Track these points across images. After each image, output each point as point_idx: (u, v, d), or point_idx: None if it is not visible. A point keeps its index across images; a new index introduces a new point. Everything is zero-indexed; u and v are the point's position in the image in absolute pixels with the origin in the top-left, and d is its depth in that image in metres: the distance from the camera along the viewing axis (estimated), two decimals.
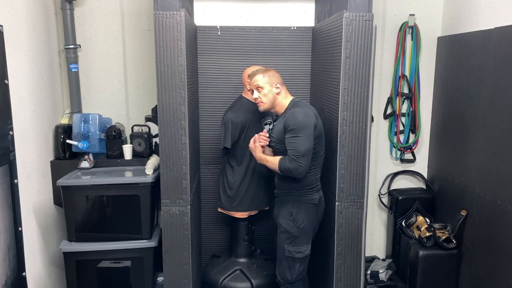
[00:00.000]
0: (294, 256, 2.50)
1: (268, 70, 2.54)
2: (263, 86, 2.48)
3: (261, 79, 2.49)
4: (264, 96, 2.48)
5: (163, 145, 2.33)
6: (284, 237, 2.51)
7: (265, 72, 2.52)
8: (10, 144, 2.02)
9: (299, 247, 2.50)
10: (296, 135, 2.34)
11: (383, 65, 3.39)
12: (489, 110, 2.68)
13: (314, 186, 2.51)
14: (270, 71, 2.53)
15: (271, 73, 2.52)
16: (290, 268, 2.53)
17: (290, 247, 2.50)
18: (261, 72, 2.52)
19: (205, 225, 3.32)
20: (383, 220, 3.62)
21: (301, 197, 2.49)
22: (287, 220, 2.50)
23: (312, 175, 2.48)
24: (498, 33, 2.57)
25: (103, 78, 3.24)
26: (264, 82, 2.48)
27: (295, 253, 2.50)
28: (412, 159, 3.51)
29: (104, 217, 2.84)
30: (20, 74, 2.51)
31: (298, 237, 2.49)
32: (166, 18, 2.23)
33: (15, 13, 2.47)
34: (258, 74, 2.51)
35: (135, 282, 2.85)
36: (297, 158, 2.33)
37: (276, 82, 2.49)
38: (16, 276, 2.05)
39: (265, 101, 2.48)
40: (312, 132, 2.36)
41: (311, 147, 2.36)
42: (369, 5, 2.29)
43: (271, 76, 2.50)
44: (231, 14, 3.19)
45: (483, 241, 2.76)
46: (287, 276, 2.55)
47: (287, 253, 2.51)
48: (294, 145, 2.35)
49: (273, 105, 2.50)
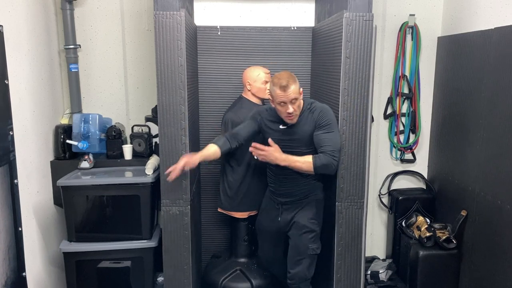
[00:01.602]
0: (316, 252, 2.54)
1: (293, 75, 2.33)
2: (297, 96, 2.31)
3: (296, 90, 2.29)
4: (298, 107, 2.34)
5: (163, 145, 2.33)
6: (308, 237, 2.51)
7: (295, 80, 2.30)
8: (10, 144, 2.02)
9: (319, 243, 2.55)
10: (330, 131, 2.32)
11: (383, 65, 3.39)
12: (489, 110, 2.68)
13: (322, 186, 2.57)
14: (294, 76, 2.33)
15: (295, 77, 2.33)
16: (310, 265, 2.56)
17: (314, 245, 2.53)
18: (293, 81, 2.29)
19: (205, 225, 3.32)
20: (383, 220, 3.62)
21: (318, 195, 2.54)
22: (312, 220, 2.51)
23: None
24: (498, 33, 2.57)
25: (103, 78, 3.24)
26: (298, 91, 2.32)
27: (317, 249, 2.54)
28: (412, 159, 3.51)
29: (104, 217, 2.84)
30: (20, 74, 2.51)
31: (319, 234, 2.55)
32: (166, 18, 2.23)
33: (15, 13, 2.47)
34: (291, 84, 2.27)
35: (135, 282, 2.85)
36: (334, 153, 2.29)
37: (300, 88, 2.35)
38: (16, 276, 2.05)
39: (298, 112, 2.35)
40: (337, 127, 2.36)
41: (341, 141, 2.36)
42: (369, 5, 2.29)
43: (298, 82, 2.33)
44: (231, 14, 3.19)
45: (483, 241, 2.76)
46: (307, 274, 2.56)
47: (311, 251, 2.52)
48: (330, 140, 2.30)
49: None
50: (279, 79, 2.29)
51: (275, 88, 2.28)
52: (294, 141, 2.41)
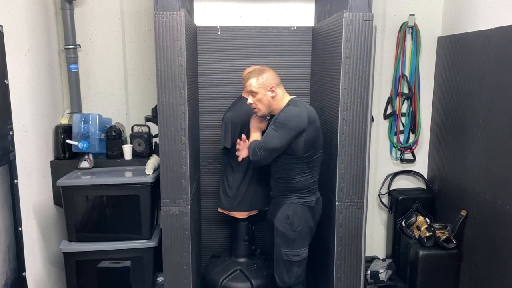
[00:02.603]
0: (291, 259, 2.45)
1: (264, 71, 2.38)
2: (257, 91, 2.35)
3: (254, 84, 2.35)
4: (259, 101, 2.37)
5: (163, 145, 2.33)
6: (281, 241, 2.46)
7: (260, 75, 2.36)
8: (10, 144, 2.02)
9: (296, 250, 2.45)
10: (275, 129, 2.29)
11: (383, 65, 3.39)
12: (489, 110, 2.68)
13: (311, 189, 2.46)
14: (265, 73, 2.37)
15: (266, 75, 2.36)
16: (288, 271, 2.48)
17: (288, 251, 2.45)
18: (255, 75, 2.36)
19: (205, 225, 3.32)
20: (383, 220, 3.62)
21: (297, 199, 2.44)
22: (284, 224, 2.44)
23: (310, 178, 2.43)
24: (498, 33, 2.57)
25: (103, 78, 3.24)
26: (258, 86, 2.35)
27: (292, 257, 2.45)
28: (412, 159, 3.51)
29: (104, 217, 2.84)
30: (20, 74, 2.51)
31: (295, 241, 2.45)
32: (166, 18, 2.23)
33: (15, 13, 2.47)
34: (251, 77, 2.36)
35: (135, 282, 2.85)
36: (260, 149, 2.31)
37: (270, 85, 2.35)
38: (16, 276, 2.05)
39: (260, 107, 2.38)
40: (291, 136, 2.27)
41: (280, 147, 2.29)
42: (369, 5, 2.29)
43: (266, 79, 2.35)
44: (231, 14, 3.19)
45: (483, 241, 2.76)
46: (285, 279, 2.50)
47: (285, 256, 2.46)
48: (267, 135, 2.33)
49: (270, 109, 2.40)
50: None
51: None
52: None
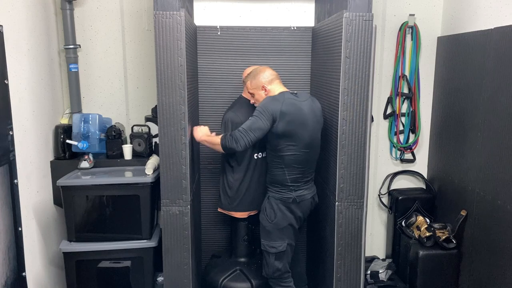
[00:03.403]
0: (268, 250, 2.59)
1: (257, 73, 2.58)
2: (253, 92, 2.59)
3: (249, 86, 2.60)
4: (257, 101, 2.58)
5: (163, 145, 2.33)
6: (261, 231, 2.64)
7: (253, 77, 2.58)
8: (10, 144, 2.02)
9: (272, 242, 2.57)
10: (255, 115, 2.41)
11: (383, 65, 3.39)
12: (489, 110, 2.68)
13: (289, 186, 2.53)
14: (258, 74, 2.56)
15: (258, 75, 2.56)
16: (266, 261, 2.63)
17: (265, 242, 2.60)
18: (249, 78, 2.60)
19: (205, 225, 3.32)
20: (383, 220, 3.62)
21: (274, 193, 2.58)
22: (262, 214, 2.62)
23: (281, 175, 2.52)
24: (498, 33, 2.58)
25: (103, 78, 3.24)
26: (252, 88, 2.58)
27: (268, 248, 2.58)
28: (412, 159, 3.51)
29: (104, 217, 2.84)
30: (20, 74, 2.51)
31: (271, 232, 2.57)
32: (166, 18, 2.23)
33: (15, 13, 2.47)
34: (246, 81, 2.63)
35: (135, 282, 2.85)
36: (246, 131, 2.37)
37: (261, 85, 2.54)
38: (16, 276, 2.05)
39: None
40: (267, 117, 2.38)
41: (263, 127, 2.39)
42: (369, 5, 2.29)
43: (258, 79, 2.55)
44: (231, 14, 3.19)
45: (483, 241, 2.77)
46: (265, 269, 2.66)
47: (262, 246, 2.62)
48: (249, 121, 2.41)
49: None
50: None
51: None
52: None
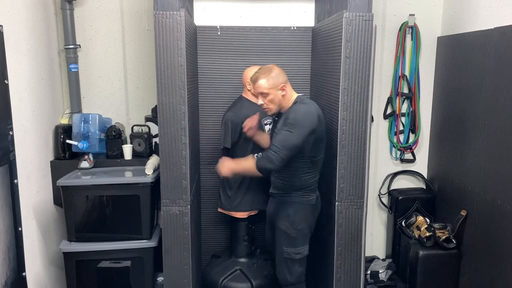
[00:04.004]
0: (293, 257, 2.48)
1: (271, 70, 2.34)
2: (268, 91, 2.31)
3: (264, 84, 2.31)
4: (270, 102, 2.34)
5: (163, 145, 2.33)
6: (282, 239, 2.49)
7: (269, 74, 2.32)
8: (10, 144, 2.02)
9: (297, 248, 2.48)
10: (288, 130, 2.24)
11: (383, 65, 3.39)
12: (489, 110, 2.68)
13: (313, 188, 2.50)
14: (273, 72, 2.33)
15: (275, 74, 2.33)
16: (290, 269, 2.51)
17: (289, 249, 2.48)
18: (264, 75, 2.31)
19: (205, 225, 3.32)
20: (383, 220, 3.62)
21: (299, 198, 2.46)
22: (286, 222, 2.47)
23: (313, 177, 2.47)
24: (498, 33, 2.57)
25: (103, 78, 3.24)
26: (269, 87, 2.31)
27: (294, 255, 2.48)
28: (412, 159, 3.51)
29: (104, 217, 2.84)
30: (20, 74, 2.51)
31: (296, 239, 2.47)
32: (166, 18, 2.23)
33: (15, 13, 2.47)
34: (260, 78, 2.31)
35: (135, 282, 2.85)
36: (278, 150, 2.21)
37: (281, 83, 2.32)
38: (16, 276, 2.05)
39: (272, 107, 2.37)
40: (305, 134, 2.26)
41: (298, 145, 2.26)
42: (369, 5, 2.29)
43: (276, 78, 2.32)
44: (231, 14, 3.19)
45: (483, 241, 2.76)
46: (287, 277, 2.52)
47: (286, 254, 2.48)
48: (283, 137, 2.24)
49: (279, 108, 2.39)
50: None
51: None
52: (274, 134, 2.42)
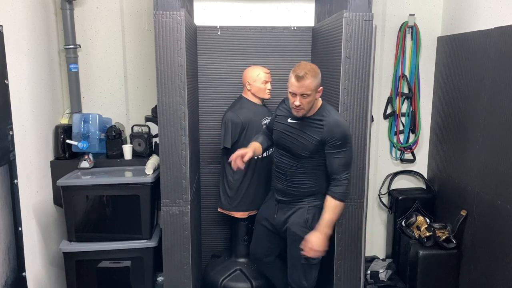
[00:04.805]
0: (310, 262, 2.41)
1: (316, 70, 2.22)
2: (311, 93, 2.19)
3: (311, 85, 2.17)
4: (308, 103, 2.22)
5: (163, 145, 2.33)
6: (298, 245, 2.38)
7: (315, 75, 2.19)
8: (10, 144, 2.02)
9: None
10: (342, 149, 2.24)
11: (383, 65, 3.39)
12: (489, 110, 2.68)
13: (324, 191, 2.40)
14: (317, 71, 2.21)
15: (318, 73, 2.21)
16: (306, 275, 2.45)
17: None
18: (312, 75, 2.17)
19: (205, 225, 3.32)
20: (383, 220, 3.62)
21: (315, 202, 2.41)
22: (303, 228, 2.38)
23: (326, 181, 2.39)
24: (498, 33, 2.58)
25: (103, 78, 3.24)
26: (314, 88, 2.19)
27: (311, 259, 2.39)
28: (412, 159, 3.51)
29: (104, 217, 2.84)
30: (20, 74, 2.51)
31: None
32: (166, 18, 2.23)
33: (15, 13, 2.47)
34: (309, 77, 2.15)
35: (135, 282, 2.85)
36: (347, 175, 2.26)
37: (319, 85, 2.23)
38: (16, 276, 2.05)
39: (307, 108, 2.25)
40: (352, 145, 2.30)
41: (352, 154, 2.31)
42: (369, 5, 2.30)
43: (319, 78, 2.21)
44: (231, 14, 3.19)
45: (483, 241, 2.77)
46: (304, 283, 2.45)
47: (304, 261, 2.40)
48: (342, 160, 2.24)
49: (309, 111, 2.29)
50: (299, 68, 2.19)
51: (292, 76, 2.20)
52: (296, 141, 2.33)
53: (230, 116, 2.77)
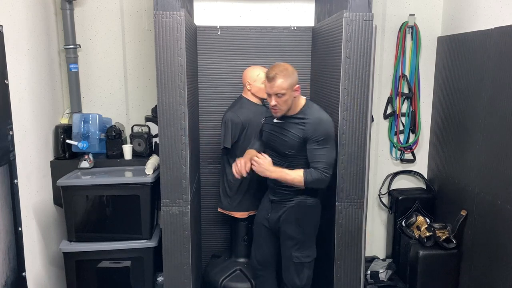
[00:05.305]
0: (302, 261, 2.46)
1: (288, 69, 2.25)
2: (285, 92, 2.23)
3: (284, 85, 2.21)
4: (284, 102, 2.26)
5: (163, 145, 2.33)
6: (290, 244, 2.46)
7: (287, 74, 2.23)
8: (10, 144, 2.02)
9: (306, 252, 2.46)
10: (324, 146, 2.27)
11: (383, 65, 3.39)
12: (489, 110, 2.68)
13: (317, 189, 2.45)
14: (289, 70, 2.25)
15: (290, 72, 2.25)
16: (299, 273, 2.48)
17: (298, 253, 2.45)
18: (283, 75, 2.21)
19: (205, 225, 3.32)
20: (383, 220, 3.62)
21: (305, 201, 2.43)
22: (293, 227, 2.44)
23: None
24: (498, 33, 2.57)
25: (103, 78, 3.24)
26: (287, 87, 2.23)
27: (303, 258, 2.46)
28: (412, 159, 3.51)
29: (104, 217, 2.84)
30: (20, 74, 2.51)
31: (305, 242, 2.46)
32: (166, 18, 2.23)
33: (15, 13, 2.47)
34: (279, 77, 2.21)
35: (135, 282, 2.85)
36: (326, 170, 2.27)
37: (296, 84, 2.26)
38: (16, 276, 2.05)
39: (284, 108, 2.29)
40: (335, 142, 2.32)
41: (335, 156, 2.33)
42: (369, 5, 2.29)
43: (292, 78, 2.24)
44: (231, 14, 3.19)
45: (483, 241, 2.77)
46: (296, 281, 2.48)
47: (295, 259, 2.45)
48: (323, 156, 2.27)
49: (289, 110, 2.33)
50: (271, 69, 2.27)
51: (265, 77, 2.30)
52: (280, 140, 2.39)
53: (230, 116, 2.77)
